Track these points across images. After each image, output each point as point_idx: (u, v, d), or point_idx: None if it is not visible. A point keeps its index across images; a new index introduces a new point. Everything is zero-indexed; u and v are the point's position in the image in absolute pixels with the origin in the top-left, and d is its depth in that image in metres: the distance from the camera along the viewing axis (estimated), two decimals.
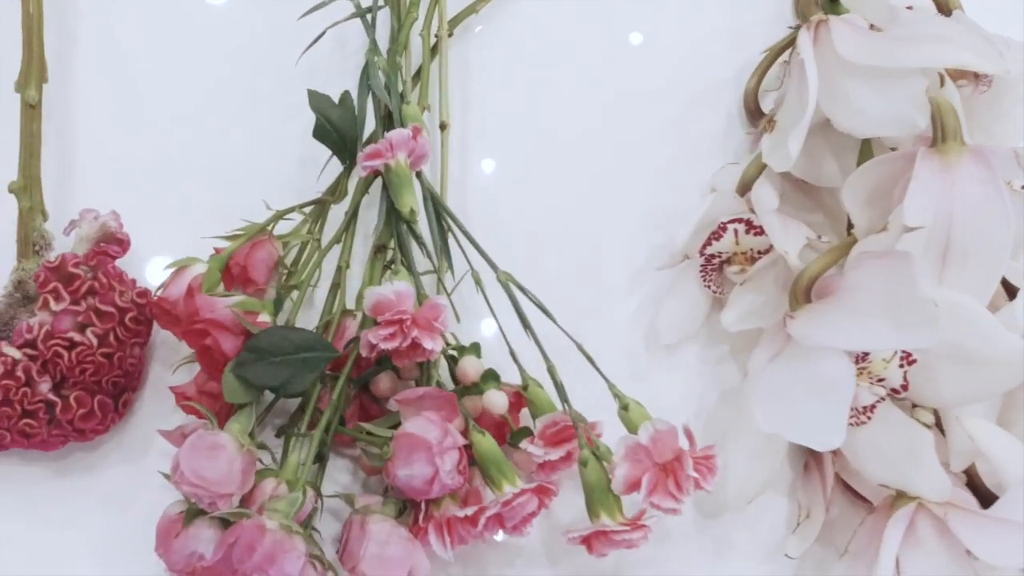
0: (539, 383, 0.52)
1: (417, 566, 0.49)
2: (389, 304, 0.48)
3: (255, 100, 0.64)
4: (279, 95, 0.63)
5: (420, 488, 0.48)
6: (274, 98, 0.64)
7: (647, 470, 0.48)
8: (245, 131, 0.63)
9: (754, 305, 0.56)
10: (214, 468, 0.47)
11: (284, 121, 0.63)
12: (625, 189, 0.62)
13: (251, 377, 0.49)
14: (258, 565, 0.45)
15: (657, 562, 0.54)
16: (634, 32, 0.66)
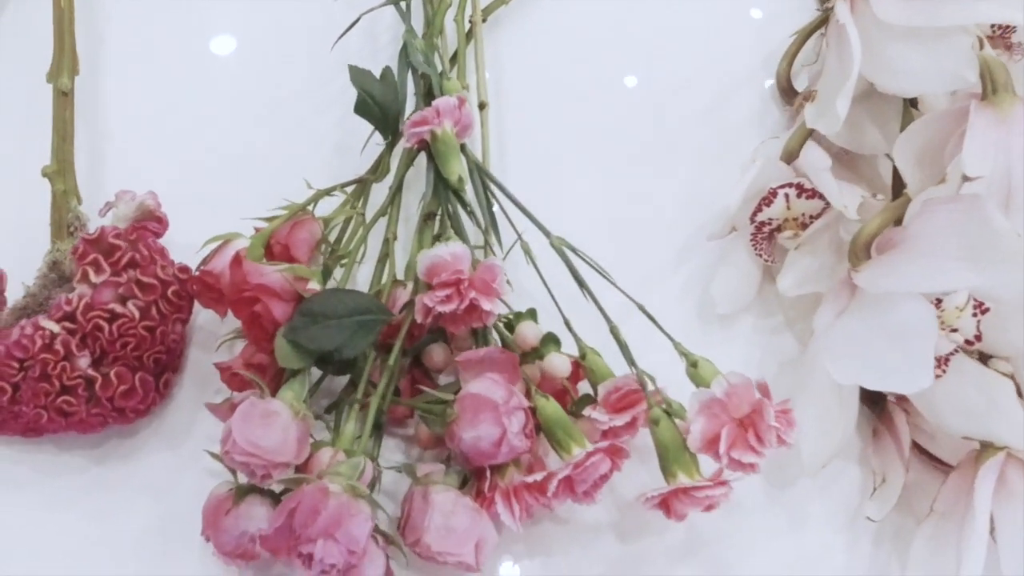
0: (597, 351, 0.50)
1: (484, 538, 0.46)
2: (445, 265, 0.46)
3: (288, 90, 0.63)
4: (313, 85, 0.62)
5: (487, 451, 0.45)
6: (308, 88, 0.62)
7: (724, 424, 0.46)
8: (279, 120, 0.62)
9: (810, 270, 0.55)
10: (268, 436, 0.45)
11: (318, 111, 0.62)
12: (664, 170, 0.61)
13: (305, 341, 0.46)
14: (323, 529, 0.42)
15: (729, 535, 0.52)
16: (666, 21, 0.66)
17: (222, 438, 0.45)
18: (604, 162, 0.61)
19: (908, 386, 0.45)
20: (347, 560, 0.42)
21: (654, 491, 0.46)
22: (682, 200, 0.60)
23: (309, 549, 0.42)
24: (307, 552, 0.42)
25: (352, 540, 0.42)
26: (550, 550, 0.51)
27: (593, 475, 0.46)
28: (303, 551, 0.42)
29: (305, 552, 0.42)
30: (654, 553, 0.51)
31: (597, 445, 0.46)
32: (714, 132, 0.62)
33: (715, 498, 0.46)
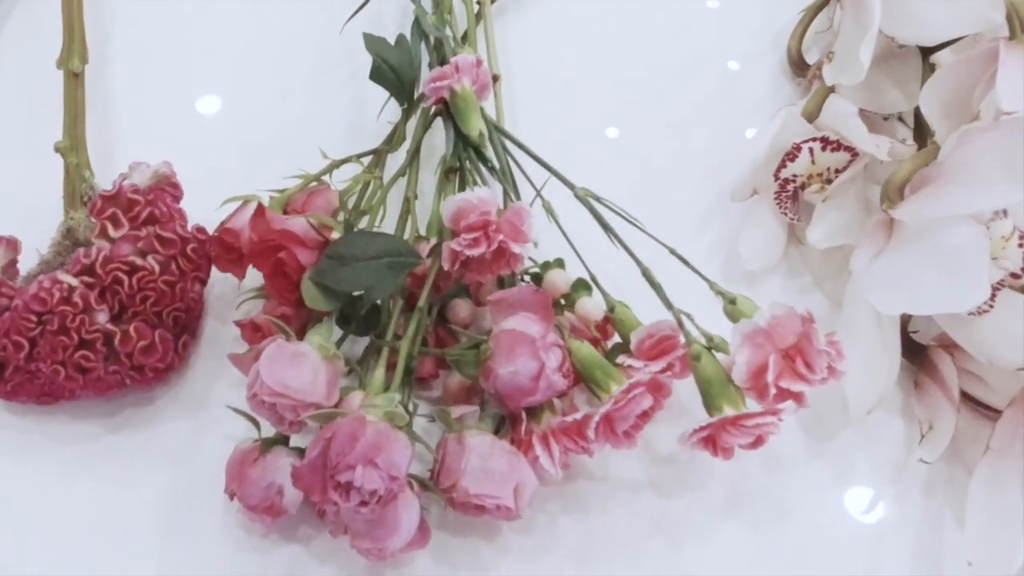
0: (625, 304, 0.49)
1: (524, 481, 0.45)
2: (471, 208, 0.46)
3: (299, 71, 0.63)
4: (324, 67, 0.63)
5: (525, 386, 0.44)
6: (319, 69, 0.63)
7: (770, 354, 0.44)
8: (292, 99, 0.62)
9: (839, 223, 0.54)
10: (297, 376, 0.43)
11: (330, 91, 0.62)
12: (680, 143, 0.61)
13: (332, 282, 0.45)
14: (362, 455, 0.40)
15: (771, 490, 0.50)
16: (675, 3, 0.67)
17: (248, 383, 0.44)
18: (618, 136, 0.61)
19: (964, 303, 0.45)
20: (388, 487, 0.40)
21: (699, 425, 0.44)
22: (700, 171, 0.60)
23: (347, 477, 0.40)
24: (345, 481, 0.40)
25: (393, 466, 0.40)
26: (587, 507, 0.49)
27: (634, 410, 0.45)
28: (341, 480, 0.40)
29: (343, 481, 0.40)
30: (695, 509, 0.49)
31: (638, 377, 0.44)
32: (728, 106, 0.62)
33: (765, 428, 0.44)
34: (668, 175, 0.60)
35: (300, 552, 0.47)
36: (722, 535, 0.49)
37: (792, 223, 0.56)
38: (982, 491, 0.47)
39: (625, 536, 0.48)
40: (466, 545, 0.48)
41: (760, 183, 0.56)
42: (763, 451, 0.49)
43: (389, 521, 0.43)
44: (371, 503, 0.40)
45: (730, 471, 0.50)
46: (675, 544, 0.48)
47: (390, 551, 0.43)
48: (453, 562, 0.47)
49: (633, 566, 0.48)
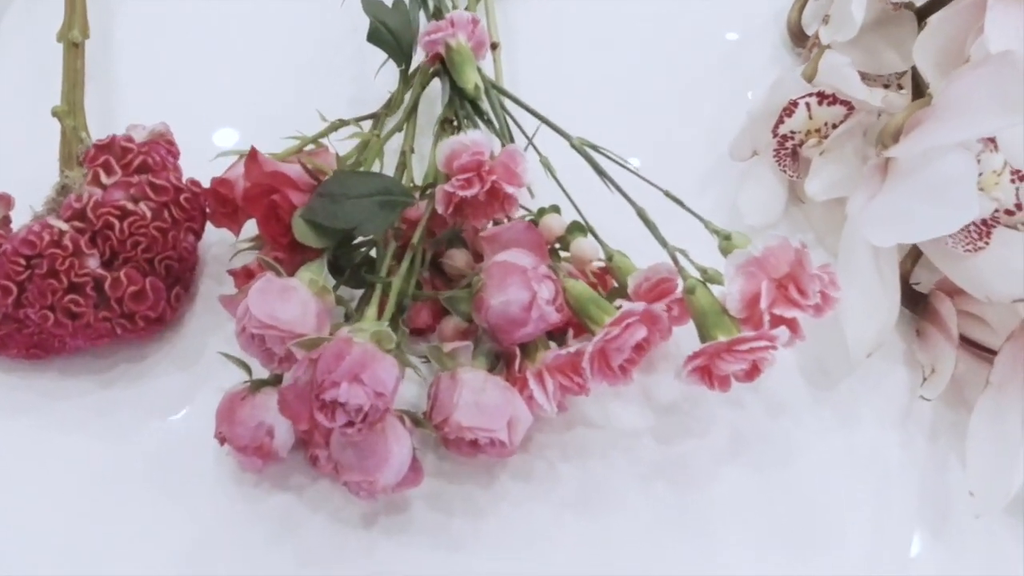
0: (623, 253, 0.49)
1: (518, 416, 0.44)
2: (464, 149, 0.46)
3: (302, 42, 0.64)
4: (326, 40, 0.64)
5: (517, 316, 0.44)
6: (322, 42, 0.64)
7: (763, 281, 0.44)
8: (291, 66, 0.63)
9: (837, 176, 0.54)
10: (286, 309, 0.43)
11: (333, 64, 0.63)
12: (683, 113, 0.62)
13: (323, 219, 0.46)
14: (348, 372, 0.40)
15: (774, 435, 0.49)
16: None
17: (237, 319, 0.44)
18: (619, 108, 0.61)
19: (954, 222, 0.45)
20: (374, 403, 0.40)
21: (692, 358, 0.44)
22: (701, 137, 0.60)
23: (332, 395, 0.40)
24: (330, 399, 0.40)
25: (379, 382, 0.40)
26: (587, 453, 0.48)
27: (629, 341, 0.44)
28: (326, 398, 0.40)
29: (328, 399, 0.40)
30: (697, 455, 0.49)
31: (632, 307, 0.44)
32: (730, 75, 0.63)
33: (760, 353, 0.44)
34: (669, 142, 0.60)
35: (292, 501, 0.47)
36: (725, 479, 0.48)
37: (792, 181, 0.56)
38: (982, 424, 0.46)
39: (626, 482, 0.48)
40: (461, 492, 0.47)
41: (759, 143, 0.56)
42: (766, 398, 0.49)
43: (379, 451, 0.42)
44: (357, 422, 0.40)
45: (732, 417, 0.50)
46: (677, 488, 0.48)
47: (381, 485, 0.43)
48: (448, 508, 0.47)
49: (634, 510, 0.47)
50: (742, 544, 0.46)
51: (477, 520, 0.46)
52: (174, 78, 0.61)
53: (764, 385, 0.50)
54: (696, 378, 0.45)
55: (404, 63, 0.55)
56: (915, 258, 0.53)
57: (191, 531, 0.46)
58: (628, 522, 0.47)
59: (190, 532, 0.46)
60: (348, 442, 0.43)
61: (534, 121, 0.51)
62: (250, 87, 0.61)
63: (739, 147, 0.56)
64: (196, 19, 0.65)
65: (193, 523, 0.46)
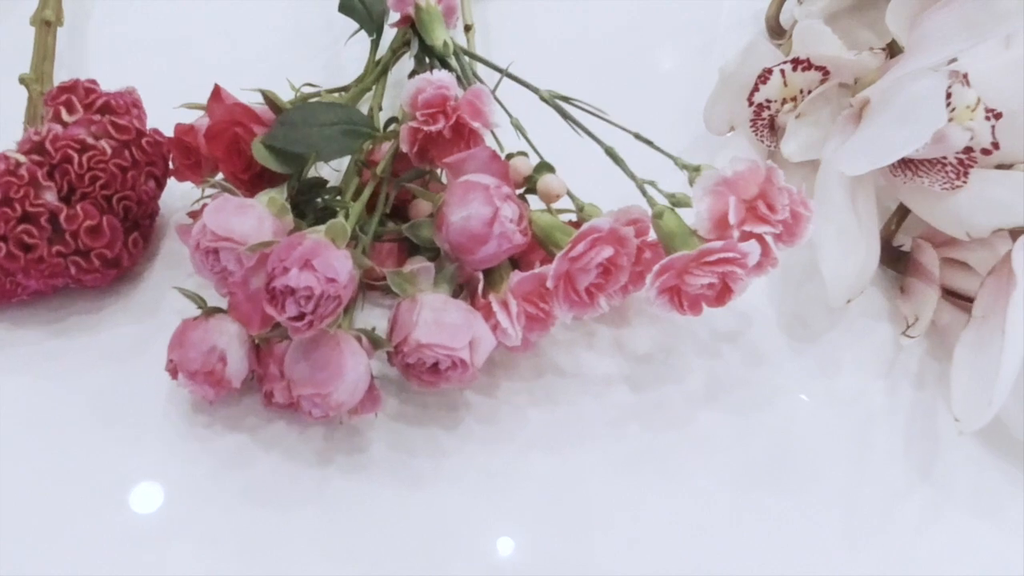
0: (595, 204, 0.50)
1: (479, 336, 0.44)
2: (429, 85, 0.48)
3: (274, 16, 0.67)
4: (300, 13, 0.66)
5: (478, 232, 0.45)
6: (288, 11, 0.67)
7: (729, 197, 0.45)
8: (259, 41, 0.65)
9: (813, 139, 0.55)
10: (243, 223, 0.44)
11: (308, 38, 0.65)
12: (659, 101, 0.63)
13: (282, 143, 0.47)
14: (299, 258, 0.40)
15: (754, 382, 0.49)
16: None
17: (191, 237, 0.45)
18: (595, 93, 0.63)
19: (922, 134, 0.46)
20: (324, 289, 0.40)
21: (658, 268, 0.44)
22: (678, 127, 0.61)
23: (282, 282, 0.40)
24: (280, 286, 0.40)
25: (330, 268, 0.40)
26: (556, 399, 0.48)
27: (594, 260, 0.45)
28: (276, 286, 0.40)
29: (278, 286, 0.40)
30: (671, 400, 0.48)
31: (596, 223, 0.45)
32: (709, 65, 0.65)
33: (729, 266, 0.44)
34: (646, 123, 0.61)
35: (245, 440, 0.46)
36: (700, 421, 0.48)
37: (771, 151, 0.57)
38: (966, 354, 0.47)
39: (596, 424, 0.47)
40: (424, 433, 0.47)
41: (736, 117, 0.58)
42: (744, 348, 0.50)
43: (332, 364, 0.42)
44: (308, 312, 0.40)
45: (710, 366, 0.50)
46: (650, 430, 0.47)
47: (335, 401, 0.43)
48: (409, 448, 0.46)
49: (604, 450, 0.47)
50: (718, 482, 0.46)
51: (439, 458, 0.46)
52: (145, 56, 0.63)
53: (743, 338, 0.51)
54: (664, 300, 0.45)
55: (375, 33, 0.57)
56: (899, 219, 0.54)
57: (139, 467, 0.46)
58: (598, 461, 0.46)
59: (139, 468, 0.46)
60: (302, 355, 0.43)
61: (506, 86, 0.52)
62: (221, 64, 0.62)
63: (715, 118, 0.57)
64: None
65: (141, 459, 0.46)
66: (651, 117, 0.59)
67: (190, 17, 0.67)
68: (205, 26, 0.66)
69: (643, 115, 0.59)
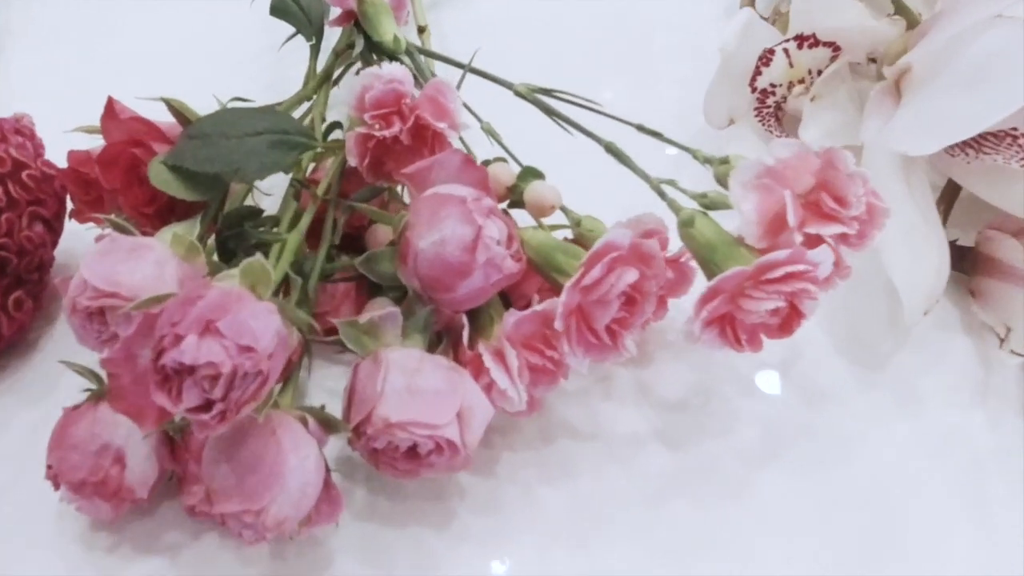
0: (593, 217, 0.32)
1: (471, 404, 0.26)
2: (378, 79, 0.30)
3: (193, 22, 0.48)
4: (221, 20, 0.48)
5: (456, 261, 0.26)
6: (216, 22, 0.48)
7: (785, 193, 0.27)
8: (184, 53, 0.46)
9: (834, 123, 0.38)
10: (134, 270, 0.26)
11: (230, 42, 0.46)
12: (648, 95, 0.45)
13: (191, 162, 0.28)
14: (196, 319, 0.22)
15: (818, 429, 0.31)
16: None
17: (67, 294, 0.26)
18: None
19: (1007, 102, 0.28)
20: (239, 363, 0.21)
21: (704, 294, 0.26)
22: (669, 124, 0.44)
23: (175, 357, 0.21)
24: (172, 363, 0.21)
25: (244, 331, 0.22)
26: (574, 471, 0.30)
27: (616, 287, 0.27)
28: (166, 363, 0.21)
29: (169, 364, 0.21)
30: (720, 461, 0.30)
31: (614, 237, 0.27)
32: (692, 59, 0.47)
33: (799, 281, 0.26)
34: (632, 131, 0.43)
35: (163, 567, 0.28)
36: (760, 488, 0.30)
37: None
38: None
39: (629, 502, 0.29)
40: (404, 537, 0.28)
41: (736, 107, 0.40)
42: (800, 385, 0.32)
43: (265, 466, 0.24)
44: (217, 399, 0.22)
45: (761, 411, 0.31)
46: (699, 505, 0.29)
47: (273, 519, 0.24)
48: (387, 559, 0.28)
49: (646, 540, 0.28)
50: (796, 567, 0.27)
51: (427, 571, 0.27)
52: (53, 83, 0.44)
53: (795, 371, 0.33)
54: (713, 334, 0.27)
55: (314, 37, 0.39)
56: (947, 207, 0.36)
57: None
58: (639, 556, 0.28)
59: None
60: (221, 453, 0.24)
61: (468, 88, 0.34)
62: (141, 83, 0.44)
63: (715, 109, 0.40)
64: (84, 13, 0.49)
65: None
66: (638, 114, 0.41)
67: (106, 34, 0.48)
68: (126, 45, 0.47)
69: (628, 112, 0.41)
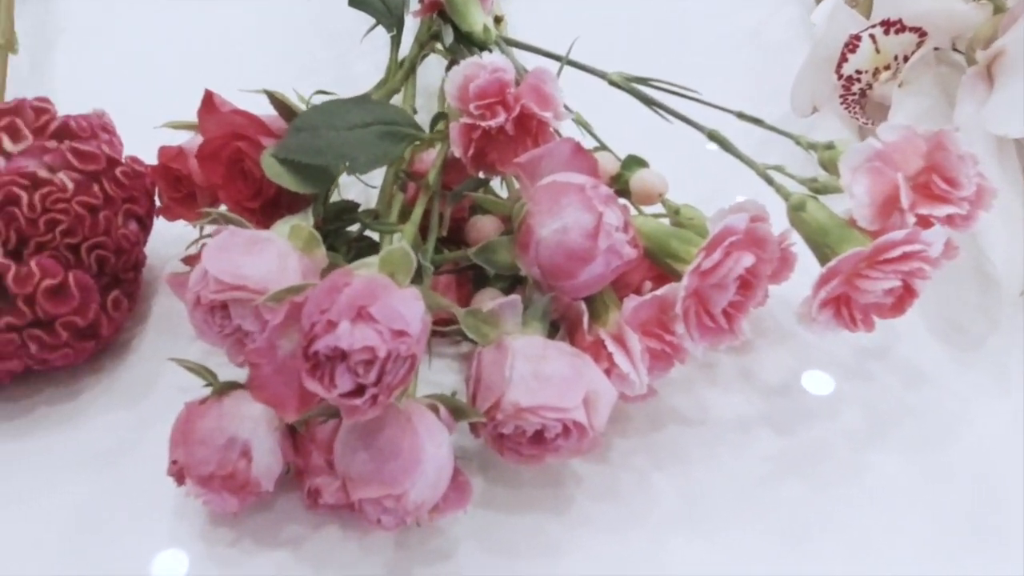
0: (691, 205, 0.34)
1: (596, 389, 0.28)
2: (482, 69, 0.31)
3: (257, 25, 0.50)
4: None
5: (579, 247, 0.28)
6: None
7: (897, 176, 0.29)
8: (254, 50, 0.48)
9: (921, 108, 0.40)
10: (257, 263, 0.27)
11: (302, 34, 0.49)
12: (719, 80, 0.46)
13: (301, 154, 0.30)
14: (348, 306, 0.24)
15: (921, 411, 0.33)
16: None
17: (189, 288, 0.28)
18: None
19: None
20: (393, 348, 0.23)
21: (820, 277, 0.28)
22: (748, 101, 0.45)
23: (328, 342, 0.23)
24: (326, 349, 0.23)
25: (395, 316, 0.24)
26: (686, 457, 0.32)
27: (733, 271, 0.28)
28: (319, 350, 0.23)
29: (322, 350, 0.23)
30: (830, 443, 0.32)
31: (731, 222, 0.28)
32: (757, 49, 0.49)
33: (914, 260, 0.28)
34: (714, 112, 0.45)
35: (286, 559, 0.29)
36: (872, 467, 0.32)
37: (863, 128, 0.42)
38: None
39: (743, 485, 0.31)
40: (525, 524, 0.30)
41: (819, 93, 0.42)
42: (898, 365, 0.34)
43: (404, 452, 0.26)
44: (369, 383, 0.23)
45: (862, 393, 0.33)
46: (813, 485, 0.31)
47: (413, 503, 0.26)
48: (509, 549, 0.29)
49: (760, 522, 0.30)
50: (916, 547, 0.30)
51: (549, 556, 0.29)
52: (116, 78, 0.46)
53: (893, 354, 0.35)
54: (829, 315, 0.29)
55: (395, 28, 0.41)
56: None
57: None
58: (754, 538, 0.30)
59: None
60: (359, 441, 0.26)
61: None
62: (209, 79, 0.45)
63: (799, 98, 0.42)
64: None
65: None
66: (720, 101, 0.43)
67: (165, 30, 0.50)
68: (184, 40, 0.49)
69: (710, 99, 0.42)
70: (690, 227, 0.33)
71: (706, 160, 0.35)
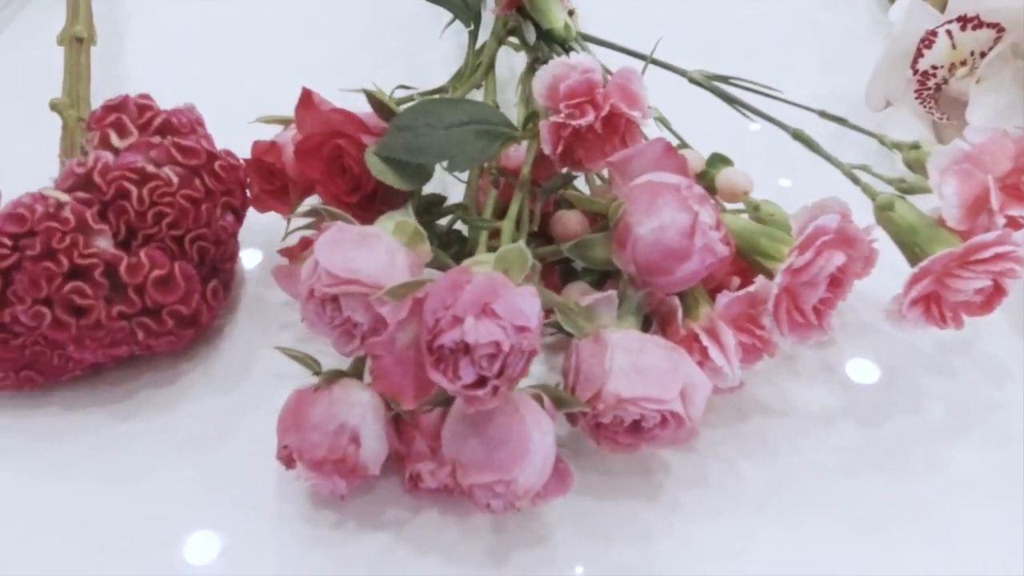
0: (770, 201, 0.35)
1: (693, 382, 0.29)
2: (572, 69, 0.32)
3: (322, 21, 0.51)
4: None
5: (676, 246, 0.29)
6: None
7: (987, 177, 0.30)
8: (324, 46, 0.50)
9: (999, 105, 0.42)
10: (368, 258, 0.29)
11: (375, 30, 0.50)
12: (787, 75, 0.48)
13: (402, 152, 0.31)
14: (472, 303, 0.25)
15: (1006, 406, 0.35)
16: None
17: (301, 283, 0.29)
18: None
19: None
20: (516, 343, 0.25)
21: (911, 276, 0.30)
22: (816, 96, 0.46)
23: (454, 337, 0.24)
24: (451, 343, 0.25)
25: (518, 313, 0.25)
26: (772, 447, 0.33)
27: (824, 269, 0.30)
28: (445, 343, 0.25)
29: (448, 344, 0.25)
30: (914, 436, 0.33)
31: (823, 222, 0.30)
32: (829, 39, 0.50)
33: (1006, 261, 0.29)
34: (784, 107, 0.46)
35: (389, 542, 0.31)
36: (956, 461, 0.33)
37: (937, 123, 0.42)
38: None
39: (828, 476, 0.32)
40: (618, 510, 0.31)
41: (892, 89, 0.43)
42: (980, 360, 0.35)
43: (513, 440, 0.27)
44: (492, 376, 0.25)
45: (947, 388, 0.35)
46: (898, 478, 0.32)
47: (521, 488, 0.27)
48: (603, 533, 0.31)
49: (845, 510, 0.31)
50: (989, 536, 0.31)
51: (644, 542, 0.31)
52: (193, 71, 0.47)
53: (976, 349, 0.36)
54: (918, 313, 0.30)
55: (472, 22, 0.42)
56: None
57: None
58: (840, 527, 0.31)
59: None
60: (470, 429, 0.27)
61: None
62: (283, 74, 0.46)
63: (873, 93, 0.43)
64: None
65: None
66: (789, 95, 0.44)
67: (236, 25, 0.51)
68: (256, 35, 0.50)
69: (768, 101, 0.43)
70: (771, 223, 0.34)
71: (774, 157, 0.36)
